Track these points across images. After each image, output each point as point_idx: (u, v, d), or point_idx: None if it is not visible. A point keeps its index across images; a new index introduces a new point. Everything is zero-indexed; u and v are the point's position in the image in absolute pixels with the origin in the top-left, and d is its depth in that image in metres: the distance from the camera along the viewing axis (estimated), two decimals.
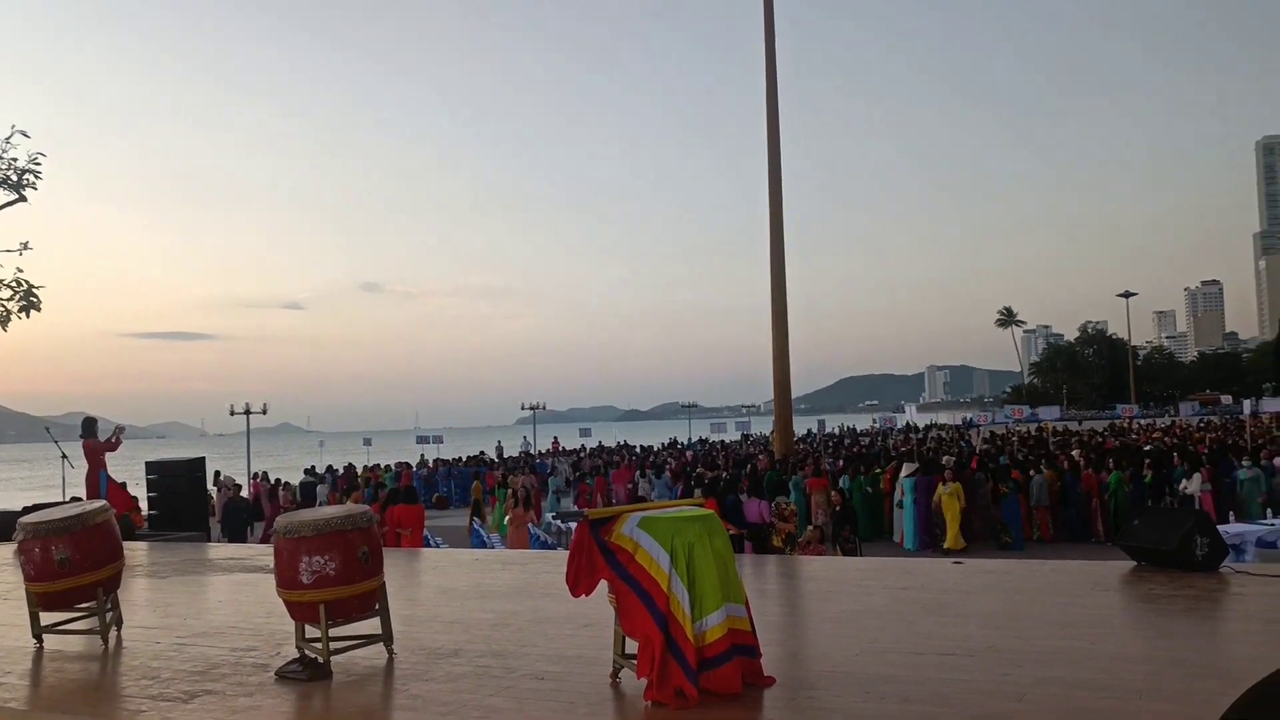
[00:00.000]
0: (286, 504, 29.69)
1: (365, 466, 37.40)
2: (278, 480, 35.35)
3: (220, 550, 12.92)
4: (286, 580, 5.55)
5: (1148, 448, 27.86)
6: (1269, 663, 4.29)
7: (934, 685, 4.89)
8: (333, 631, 5.59)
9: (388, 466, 37.85)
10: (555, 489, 30.57)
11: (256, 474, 35.38)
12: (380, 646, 5.90)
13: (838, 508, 18.16)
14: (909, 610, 6.97)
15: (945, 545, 18.59)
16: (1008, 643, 5.75)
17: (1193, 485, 18.74)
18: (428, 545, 14.51)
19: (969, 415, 72.46)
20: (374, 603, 5.83)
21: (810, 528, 14.74)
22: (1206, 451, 24.36)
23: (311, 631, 5.63)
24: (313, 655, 5.60)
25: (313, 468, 38.96)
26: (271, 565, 5.82)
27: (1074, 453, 25.92)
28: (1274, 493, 19.43)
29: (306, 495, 32.67)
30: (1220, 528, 9.47)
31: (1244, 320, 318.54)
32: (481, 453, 46.09)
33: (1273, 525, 15.25)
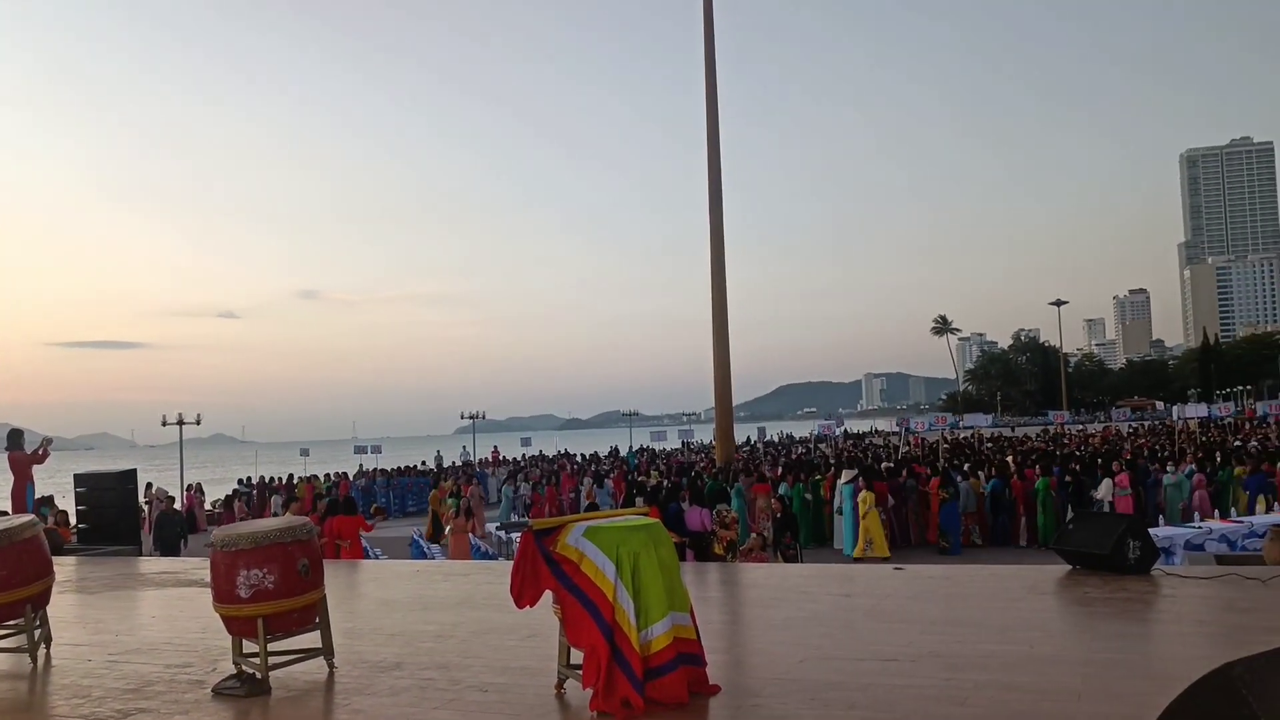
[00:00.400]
0: (242, 514, 29.31)
1: (300, 477, 36.84)
2: (234, 491, 34.89)
3: (153, 564, 12.63)
4: (223, 594, 5.44)
5: (1078, 453, 28.42)
6: (1201, 663, 4.39)
7: (878, 691, 4.93)
8: (271, 646, 5.48)
9: (326, 476, 37.36)
10: (510, 497, 30.01)
11: (190, 485, 34.70)
12: (320, 661, 5.80)
13: (778, 514, 18.26)
14: (851, 616, 7.03)
15: (870, 552, 18.40)
16: (949, 647, 5.82)
17: (1102, 490, 19.13)
18: (366, 556, 14.33)
19: (905, 420, 73.66)
20: (314, 616, 5.73)
21: (753, 535, 14.84)
22: (1129, 457, 24.90)
23: (249, 646, 5.52)
24: (250, 671, 5.49)
25: (248, 479, 38.36)
26: (207, 579, 5.70)
27: (1008, 459, 26.37)
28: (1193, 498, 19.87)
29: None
30: (1150, 531, 9.69)
31: (1170, 328, 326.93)
32: (423, 462, 45.71)
33: (1200, 528, 15.64)
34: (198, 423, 40.40)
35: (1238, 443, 31.71)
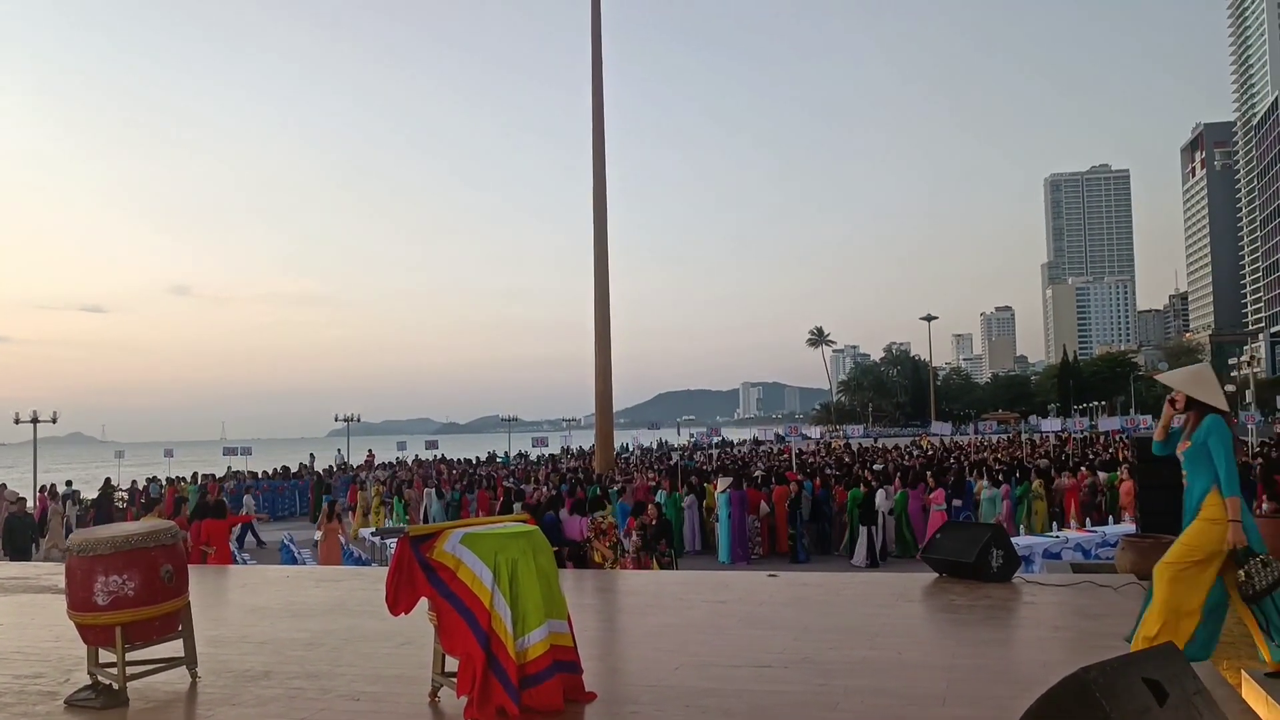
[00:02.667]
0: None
1: (165, 480, 35.45)
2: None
3: (2, 569, 12.01)
4: (79, 602, 5.20)
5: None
6: (1059, 668, 4.57)
7: (752, 697, 5.00)
8: (132, 655, 5.27)
9: (188, 479, 36.07)
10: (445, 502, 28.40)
11: (43, 487, 33.09)
12: (183, 670, 5.60)
13: (653, 523, 18.32)
14: (727, 623, 7.11)
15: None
16: (821, 654, 5.94)
17: (879, 502, 19.89)
18: (235, 561, 13.90)
19: (779, 430, 75.25)
20: (177, 624, 5.52)
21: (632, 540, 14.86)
22: (954, 468, 25.53)
23: (106, 656, 5.29)
24: (107, 681, 5.26)
25: (108, 479, 36.76)
26: (62, 585, 5.44)
27: (870, 470, 27.04)
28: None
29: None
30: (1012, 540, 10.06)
31: (1033, 344, 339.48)
32: (312, 464, 44.50)
33: (1057, 537, 16.32)
34: (54, 421, 38.54)
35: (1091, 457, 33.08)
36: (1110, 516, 19.76)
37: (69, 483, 32.78)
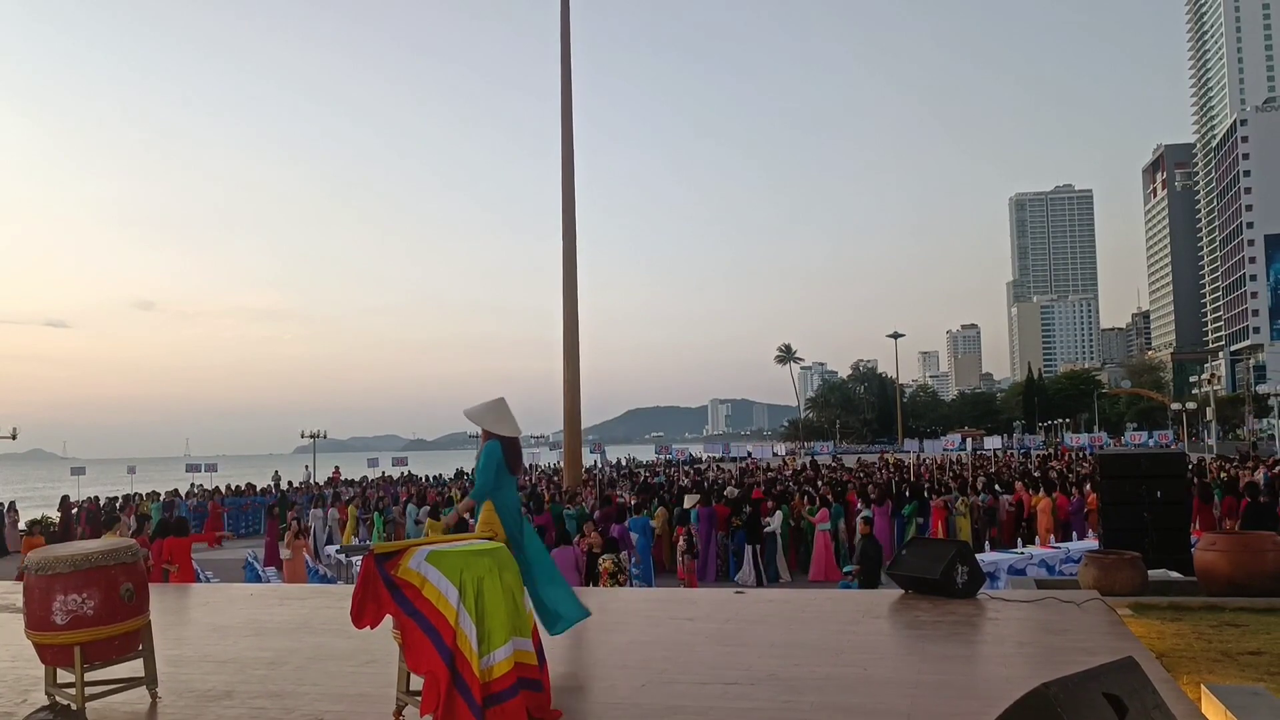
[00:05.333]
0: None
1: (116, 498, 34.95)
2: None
3: None
4: (37, 621, 5.12)
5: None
6: (1022, 683, 4.61)
7: (719, 714, 5.00)
8: (91, 675, 5.19)
9: (155, 494, 35.65)
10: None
11: (1, 504, 32.60)
12: (143, 690, 5.53)
13: (597, 549, 18.19)
14: (693, 640, 7.11)
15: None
16: (787, 670, 5.95)
17: (774, 523, 20.03)
18: (198, 580, 13.73)
19: (748, 448, 75.77)
20: (137, 643, 5.45)
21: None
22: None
23: (65, 676, 5.21)
24: (65, 701, 5.18)
25: (66, 497, 36.24)
26: (19, 604, 5.36)
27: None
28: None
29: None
30: (977, 556, 10.13)
31: (998, 362, 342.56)
32: (286, 482, 44.07)
33: (1022, 553, 16.46)
34: (13, 437, 38.14)
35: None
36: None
37: (12, 504, 32.27)
